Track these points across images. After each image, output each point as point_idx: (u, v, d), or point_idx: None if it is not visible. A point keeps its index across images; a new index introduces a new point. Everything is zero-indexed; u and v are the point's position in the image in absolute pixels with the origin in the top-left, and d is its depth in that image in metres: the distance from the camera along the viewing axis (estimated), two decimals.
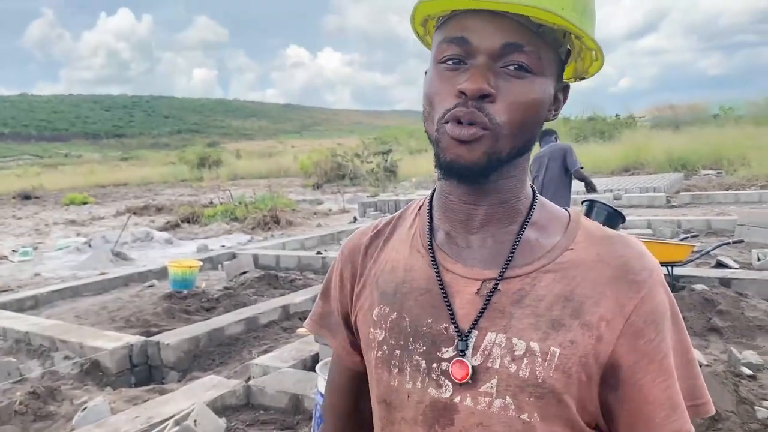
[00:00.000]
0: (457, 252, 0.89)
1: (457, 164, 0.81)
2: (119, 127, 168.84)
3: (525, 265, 0.84)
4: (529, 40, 0.78)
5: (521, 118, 0.80)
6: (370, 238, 1.01)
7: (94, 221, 18.48)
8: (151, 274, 8.98)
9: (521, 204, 0.89)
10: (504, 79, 0.79)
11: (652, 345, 0.79)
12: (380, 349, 0.91)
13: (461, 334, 0.83)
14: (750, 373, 4.24)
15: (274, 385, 4.30)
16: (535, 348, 0.79)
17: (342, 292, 1.02)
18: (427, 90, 0.84)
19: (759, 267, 7.32)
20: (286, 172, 38.30)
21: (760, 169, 17.47)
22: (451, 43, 0.80)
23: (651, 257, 0.84)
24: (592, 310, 0.79)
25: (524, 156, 0.86)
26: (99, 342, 5.46)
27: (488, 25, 0.77)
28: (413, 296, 0.89)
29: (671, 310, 0.82)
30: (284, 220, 14.87)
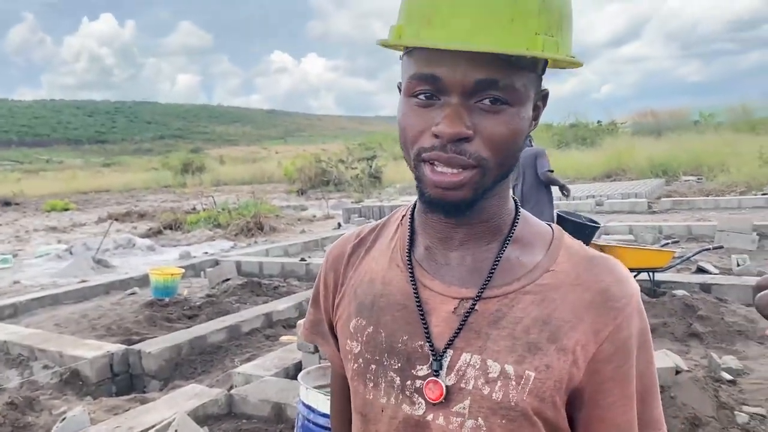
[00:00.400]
0: (436, 268, 0.88)
1: (443, 203, 0.80)
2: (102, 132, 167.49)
3: (504, 285, 0.84)
4: (504, 74, 0.75)
5: (503, 150, 0.78)
6: (353, 247, 1.00)
7: (76, 228, 18.30)
8: (133, 282, 8.90)
9: (503, 221, 0.88)
10: (480, 115, 0.76)
11: (620, 370, 0.79)
12: (356, 361, 0.91)
13: (436, 354, 0.83)
14: (730, 378, 4.28)
15: (257, 394, 4.27)
16: (509, 371, 0.79)
17: (326, 299, 1.02)
18: (401, 122, 0.81)
19: (738, 272, 7.39)
20: (270, 178, 38.20)
21: (738, 176, 17.68)
22: (422, 80, 0.77)
23: (631, 283, 0.84)
24: (569, 335, 0.79)
25: (506, 178, 0.85)
26: (79, 351, 5.40)
27: (459, 60, 0.74)
28: (390, 311, 0.89)
29: (643, 337, 0.83)
30: (268, 227, 14.81)
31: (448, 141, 0.75)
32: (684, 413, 3.64)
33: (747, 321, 5.43)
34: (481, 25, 0.72)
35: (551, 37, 0.75)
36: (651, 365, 0.84)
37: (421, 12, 0.76)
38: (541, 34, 0.74)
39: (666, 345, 5.11)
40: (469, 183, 0.78)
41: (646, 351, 0.83)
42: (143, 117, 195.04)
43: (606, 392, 0.80)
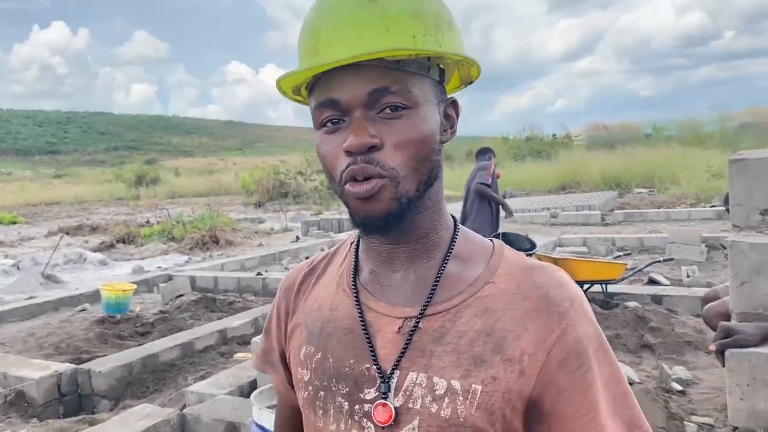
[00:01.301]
0: (381, 290, 0.88)
1: (371, 219, 0.81)
2: (53, 143, 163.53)
3: (446, 300, 0.83)
4: (394, 79, 0.78)
5: (414, 154, 0.80)
6: (304, 275, 1.00)
7: (24, 242, 17.76)
8: (84, 298, 8.66)
9: (441, 236, 0.88)
10: (384, 124, 0.79)
11: (575, 377, 0.78)
12: (306, 389, 0.90)
13: (383, 375, 0.82)
14: (680, 389, 4.37)
15: (210, 413, 4.19)
16: (456, 386, 0.78)
17: (279, 329, 1.02)
18: (319, 154, 0.84)
19: (688, 284, 7.58)
20: (227, 190, 37.82)
21: (688, 188, 18.20)
22: (323, 107, 0.81)
23: (572, 286, 0.83)
24: (514, 345, 0.79)
25: (434, 186, 0.85)
26: (25, 371, 5.22)
27: (349, 78, 0.78)
28: (336, 336, 0.89)
29: (597, 341, 0.81)
30: (224, 240, 14.63)
31: (357, 153, 0.78)
32: None
33: (696, 332, 5.56)
34: (360, 40, 0.77)
35: (430, 36, 0.79)
36: (613, 367, 0.81)
37: (307, 46, 0.82)
38: (419, 35, 0.78)
39: (619, 357, 5.18)
40: (386, 191, 0.79)
41: (605, 353, 0.81)
42: (96, 127, 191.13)
43: (565, 402, 0.77)
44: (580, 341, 0.79)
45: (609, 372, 0.81)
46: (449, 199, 23.85)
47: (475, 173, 6.78)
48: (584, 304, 0.83)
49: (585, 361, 0.79)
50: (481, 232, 5.91)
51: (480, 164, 6.90)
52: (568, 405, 0.78)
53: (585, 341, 0.79)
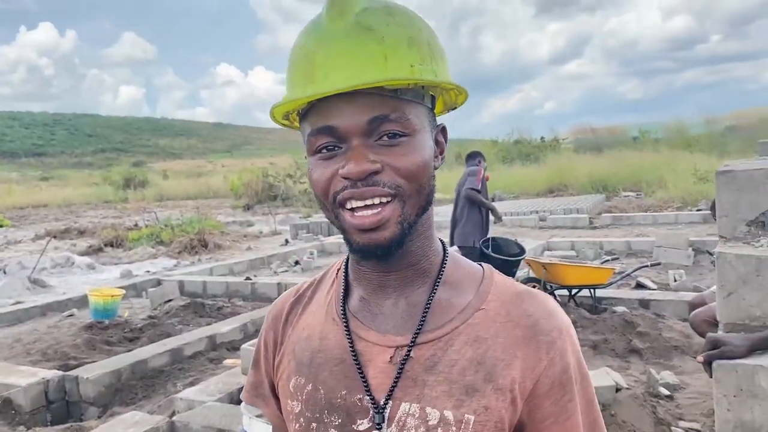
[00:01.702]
0: (371, 318, 0.88)
1: (373, 247, 0.80)
2: (39, 145, 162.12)
3: (437, 328, 0.84)
4: (393, 107, 0.78)
5: (415, 179, 0.80)
6: (291, 304, 0.99)
7: (10, 246, 17.60)
8: (71, 303, 8.60)
9: (431, 263, 0.88)
10: (383, 151, 0.79)
11: (558, 406, 0.80)
12: (297, 421, 0.89)
13: (377, 406, 0.82)
14: (667, 394, 4.41)
15: (199, 420, 4.17)
16: (449, 417, 0.79)
17: (267, 360, 1.00)
18: (311, 180, 0.83)
19: (675, 288, 7.64)
20: (215, 193, 37.63)
21: (675, 191, 18.31)
22: (320, 134, 0.80)
23: (561, 315, 0.85)
24: (504, 373, 0.80)
25: (427, 212, 0.86)
26: (11, 378, 5.17)
27: (348, 106, 0.77)
28: (328, 367, 0.88)
29: (580, 371, 0.83)
30: (212, 244, 14.57)
31: (357, 179, 0.78)
32: (624, 430, 3.73)
33: (683, 336, 5.60)
34: (358, 68, 0.77)
35: (427, 66, 0.80)
36: (589, 396, 0.85)
37: (302, 73, 0.81)
38: (416, 65, 0.79)
39: (607, 362, 5.23)
40: (392, 218, 0.79)
41: (584, 383, 0.84)
42: (84, 130, 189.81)
43: (547, 429, 0.80)
44: (566, 371, 0.81)
45: (584, 402, 0.84)
46: (439, 202, 23.89)
47: (464, 178, 6.74)
48: (572, 333, 0.84)
49: (568, 390, 0.81)
50: (472, 237, 5.87)
51: (469, 169, 6.84)
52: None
53: (570, 371, 0.82)
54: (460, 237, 6.59)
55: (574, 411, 0.81)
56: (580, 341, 5.70)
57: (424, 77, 0.79)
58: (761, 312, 2.14)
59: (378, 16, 0.79)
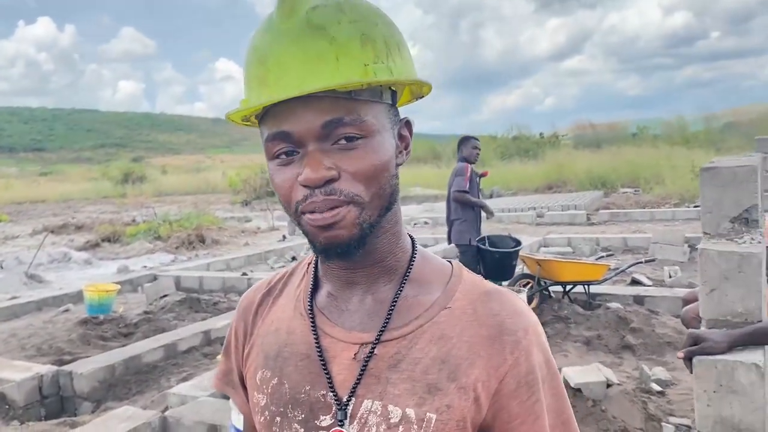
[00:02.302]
0: (338, 314, 0.88)
1: (333, 246, 0.80)
2: (38, 140, 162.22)
3: (402, 326, 0.83)
4: (347, 109, 0.77)
5: (373, 181, 0.79)
6: (262, 296, 0.99)
7: (8, 241, 17.60)
8: (67, 298, 8.61)
9: (398, 259, 0.88)
10: (340, 155, 0.77)
11: (524, 407, 0.79)
12: (263, 414, 0.89)
13: (339, 403, 0.82)
14: (659, 389, 4.42)
15: (192, 416, 4.18)
16: (410, 415, 0.79)
17: (237, 350, 1.00)
18: (273, 186, 0.83)
19: (670, 284, 7.65)
20: (214, 189, 37.62)
21: (673, 188, 18.32)
22: (276, 140, 0.79)
23: (527, 315, 0.84)
24: (468, 372, 0.79)
25: (392, 210, 0.85)
26: (6, 373, 5.18)
27: (301, 110, 0.76)
28: (293, 361, 0.88)
29: (548, 370, 0.83)
30: (210, 239, 14.59)
31: (315, 187, 0.77)
32: (614, 426, 3.74)
33: (676, 332, 5.62)
34: (310, 71, 0.75)
35: (382, 64, 0.78)
36: (558, 396, 0.84)
37: (256, 76, 0.80)
38: (370, 63, 0.77)
39: (600, 357, 5.25)
40: (348, 218, 0.78)
41: (553, 382, 0.83)
42: (83, 125, 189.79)
43: (513, 431, 0.80)
44: (532, 371, 0.80)
45: (554, 402, 0.83)
46: (437, 198, 23.91)
47: (452, 178, 6.62)
48: (538, 333, 0.84)
49: (535, 391, 0.80)
50: (467, 234, 5.82)
51: (456, 167, 6.66)
52: None
53: (536, 371, 0.81)
54: (456, 235, 6.55)
55: (541, 412, 0.80)
56: (573, 337, 5.70)
57: (378, 77, 0.77)
58: (743, 308, 2.15)
59: (329, 14, 0.77)
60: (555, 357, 4.20)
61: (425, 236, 13.28)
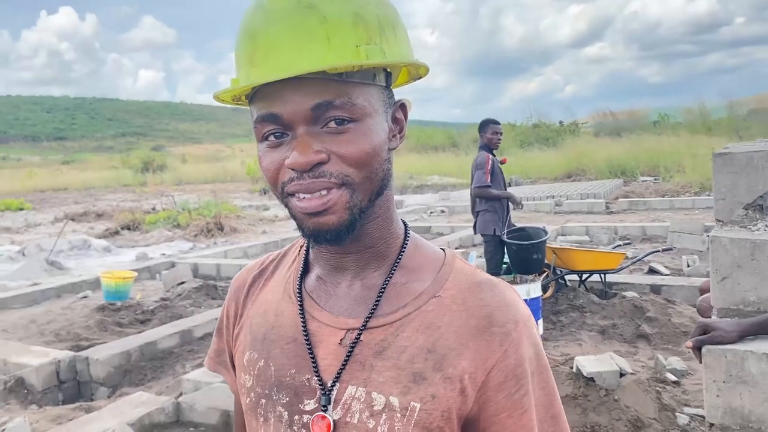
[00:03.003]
0: (326, 299, 0.87)
1: (322, 231, 0.78)
2: (61, 129, 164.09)
3: (390, 313, 0.82)
4: (337, 92, 0.75)
5: (364, 166, 0.77)
6: (254, 277, 0.99)
7: (30, 228, 17.86)
8: (86, 285, 8.72)
9: (389, 246, 0.86)
10: (330, 139, 0.76)
11: (512, 400, 0.78)
12: (248, 396, 0.89)
13: (324, 387, 0.81)
14: (674, 379, 4.38)
15: (205, 402, 4.22)
16: (394, 403, 0.78)
17: (228, 330, 1.00)
18: (261, 167, 0.81)
19: (688, 273, 7.57)
20: (233, 177, 37.78)
21: (693, 176, 18.08)
22: (264, 122, 0.77)
23: (518, 307, 0.82)
24: (455, 363, 0.78)
25: (384, 194, 0.83)
26: (24, 358, 5.27)
27: (291, 92, 0.74)
28: (280, 344, 0.88)
29: (537, 363, 0.81)
30: (228, 227, 14.66)
31: (302, 170, 0.75)
32: (627, 416, 3.71)
33: (693, 322, 5.55)
34: (299, 51, 0.73)
35: (375, 45, 0.76)
36: (548, 390, 0.82)
37: (245, 55, 0.78)
38: (362, 44, 0.75)
39: (615, 347, 5.21)
40: (340, 203, 0.77)
41: (543, 376, 0.82)
42: (104, 113, 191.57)
43: (500, 423, 0.78)
44: (520, 365, 0.79)
45: (544, 396, 0.81)
46: (455, 186, 23.83)
47: (474, 170, 6.39)
48: (530, 326, 0.82)
49: (523, 384, 0.79)
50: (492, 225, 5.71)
51: (477, 160, 6.40)
52: (503, 427, 0.78)
53: (525, 365, 0.79)
54: (481, 225, 6.38)
55: (529, 405, 0.79)
56: (588, 326, 5.67)
57: (370, 59, 0.74)
58: (756, 297, 2.10)
59: None
60: (569, 346, 4.17)
61: (441, 225, 13.23)
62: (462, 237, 11.04)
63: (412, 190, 23.97)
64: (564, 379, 3.98)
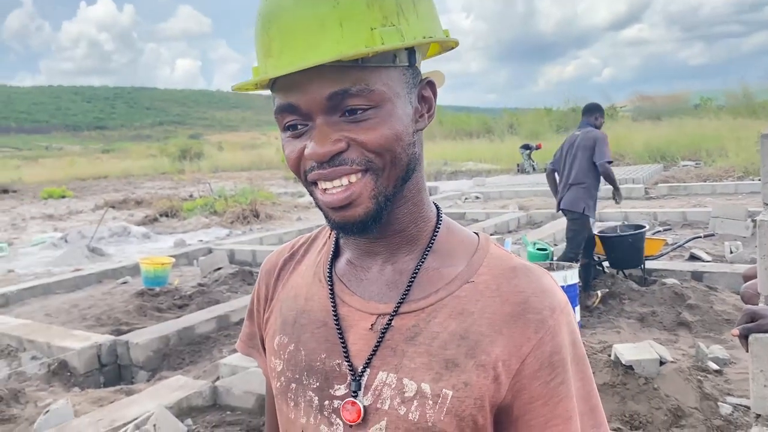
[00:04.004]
0: (357, 283, 0.86)
1: (348, 224, 0.77)
2: (101, 118, 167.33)
3: (421, 298, 0.81)
4: (354, 79, 0.72)
5: (386, 152, 0.75)
6: (285, 260, 0.98)
7: (72, 215, 18.28)
8: (125, 271, 8.89)
9: (420, 229, 0.85)
10: (349, 127, 0.74)
11: (547, 388, 0.76)
12: (279, 380, 0.89)
13: (354, 373, 0.80)
14: (716, 368, 4.27)
15: (242, 386, 4.27)
16: (426, 390, 0.76)
17: (258, 314, 1.00)
18: (286, 159, 0.80)
19: (731, 260, 7.38)
20: (268, 165, 38.08)
21: (737, 160, 17.59)
22: (284, 112, 0.76)
23: (556, 293, 0.80)
24: (488, 350, 0.76)
25: (412, 178, 0.81)
26: (67, 342, 5.40)
27: (307, 81, 0.72)
28: (310, 329, 0.87)
29: (574, 352, 0.79)
30: (264, 214, 14.79)
31: (321, 162, 0.74)
32: (667, 405, 3.64)
33: (736, 309, 5.42)
34: (312, 39, 0.71)
35: (391, 26, 0.73)
36: (585, 381, 0.80)
37: (262, 45, 0.76)
38: (378, 27, 0.72)
39: (654, 334, 5.11)
40: (364, 194, 0.75)
41: (580, 365, 0.79)
42: (142, 103, 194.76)
43: (535, 412, 0.76)
44: (557, 352, 0.76)
45: (581, 386, 0.79)
46: (489, 172, 23.63)
47: (591, 142, 5.92)
48: (567, 313, 0.79)
49: (559, 372, 0.76)
50: (582, 203, 5.71)
51: (598, 135, 6.00)
52: (537, 415, 0.76)
53: (562, 352, 0.77)
54: (571, 200, 6.02)
55: (566, 394, 0.76)
56: (627, 314, 5.57)
57: (386, 43, 0.71)
58: None
59: None
60: (607, 333, 4.10)
61: (476, 211, 13.13)
62: (497, 223, 10.95)
63: (447, 176, 23.84)
64: (602, 367, 3.92)
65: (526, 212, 12.42)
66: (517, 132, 32.62)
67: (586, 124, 6.23)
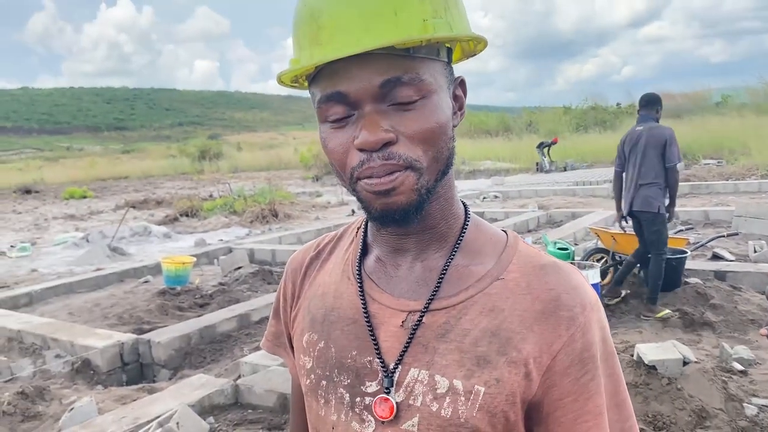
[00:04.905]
0: (386, 280, 0.86)
1: (390, 212, 0.77)
2: (121, 119, 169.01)
3: (452, 296, 0.81)
4: (405, 67, 0.73)
5: (431, 144, 0.76)
6: (311, 258, 0.99)
7: (93, 215, 18.49)
8: (147, 270, 8.98)
9: (450, 227, 0.85)
10: (397, 116, 0.74)
11: (578, 384, 0.76)
12: (308, 377, 0.89)
13: (386, 370, 0.81)
14: (741, 369, 4.22)
15: (263, 384, 4.29)
16: (458, 386, 0.77)
17: (285, 312, 1.00)
18: (325, 149, 0.79)
19: (755, 259, 7.28)
20: (286, 165, 38.24)
21: (760, 158, 17.36)
22: (330, 101, 0.76)
23: (586, 291, 0.80)
24: (519, 347, 0.77)
25: (447, 175, 0.82)
26: (90, 340, 5.46)
27: (357, 69, 0.73)
28: (340, 326, 0.87)
29: (604, 349, 0.79)
30: (282, 213, 14.86)
31: (372, 150, 0.74)
32: (691, 405, 3.60)
33: (761, 309, 5.35)
34: (366, 27, 0.72)
35: (441, 19, 0.74)
36: (615, 377, 0.80)
37: (309, 34, 0.76)
38: (429, 19, 0.73)
39: (677, 335, 5.06)
40: (407, 183, 0.75)
41: (609, 362, 0.80)
42: (162, 104, 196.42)
43: (565, 408, 0.76)
44: (587, 349, 0.77)
45: (610, 382, 0.80)
46: (508, 171, 23.53)
47: (661, 141, 5.53)
48: (597, 310, 0.80)
49: (590, 369, 0.77)
50: (656, 202, 5.58)
51: (668, 133, 5.58)
52: (567, 411, 0.76)
53: (593, 349, 0.77)
54: (642, 200, 5.60)
55: (596, 391, 0.77)
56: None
57: (438, 33, 0.73)
58: None
59: None
60: (629, 333, 4.06)
61: (495, 210, 13.08)
62: (516, 223, 10.90)
63: (465, 175, 23.78)
64: (624, 367, 3.89)
65: (546, 211, 12.35)
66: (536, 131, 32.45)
67: (647, 118, 5.81)
